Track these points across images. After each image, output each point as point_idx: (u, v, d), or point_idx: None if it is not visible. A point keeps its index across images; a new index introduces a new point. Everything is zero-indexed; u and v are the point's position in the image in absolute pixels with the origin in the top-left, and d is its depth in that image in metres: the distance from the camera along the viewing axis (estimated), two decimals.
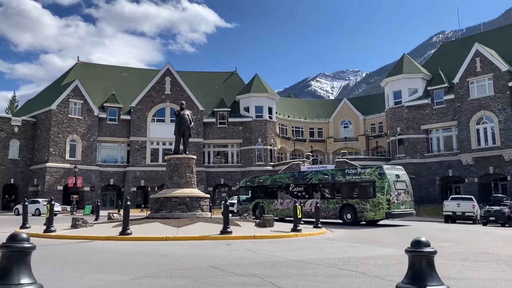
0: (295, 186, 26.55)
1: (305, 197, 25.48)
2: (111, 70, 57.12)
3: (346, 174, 24.36)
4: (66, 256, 9.57)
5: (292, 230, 15.49)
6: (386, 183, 22.40)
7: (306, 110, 62.76)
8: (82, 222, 16.20)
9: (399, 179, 23.52)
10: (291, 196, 26.10)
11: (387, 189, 22.26)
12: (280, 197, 27.06)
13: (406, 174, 25.06)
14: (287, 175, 28.29)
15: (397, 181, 23.18)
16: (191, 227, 15.44)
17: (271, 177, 29.14)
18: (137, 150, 49.35)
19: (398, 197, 22.61)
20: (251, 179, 30.68)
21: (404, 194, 23.30)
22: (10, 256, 2.10)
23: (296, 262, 8.57)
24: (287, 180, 27.25)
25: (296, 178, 26.91)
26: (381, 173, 22.82)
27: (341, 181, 24.37)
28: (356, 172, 24.04)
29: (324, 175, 25.44)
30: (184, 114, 20.23)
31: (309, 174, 26.41)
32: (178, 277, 6.89)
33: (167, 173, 19.85)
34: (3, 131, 44.94)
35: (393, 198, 22.05)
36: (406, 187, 23.84)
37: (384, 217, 22.34)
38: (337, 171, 25.63)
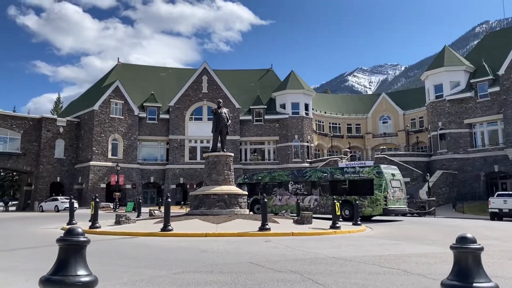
0: (294, 183, 27.85)
1: (304, 194, 26.99)
2: (150, 71, 58.49)
3: (345, 172, 25.93)
4: (111, 251, 9.93)
5: (331, 227, 15.36)
6: (384, 181, 23.94)
7: (343, 106, 61.94)
8: (125, 219, 16.71)
9: (395, 178, 25.05)
10: (290, 193, 27.52)
11: (385, 186, 23.77)
12: (279, 193, 28.29)
13: (400, 174, 26.63)
14: (286, 173, 29.61)
15: (393, 180, 24.70)
16: (229, 223, 15.61)
17: (269, 175, 30.37)
18: (176, 148, 50.34)
19: (394, 194, 24.02)
20: (249, 177, 31.97)
21: (399, 191, 24.71)
22: (67, 249, 2.25)
23: (335, 259, 8.51)
24: (286, 178, 28.59)
25: (295, 176, 28.26)
26: (379, 172, 24.38)
27: (340, 179, 25.94)
28: (355, 171, 25.53)
29: (323, 173, 27.01)
30: (221, 112, 20.43)
31: (308, 172, 27.89)
32: (219, 272, 7.00)
33: (206, 170, 20.13)
34: (49, 132, 46.98)
35: (390, 195, 23.45)
36: (400, 185, 25.28)
37: (381, 213, 23.37)
38: (336, 170, 27.25)
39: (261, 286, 5.93)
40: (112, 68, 57.58)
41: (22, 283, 6.15)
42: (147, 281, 6.26)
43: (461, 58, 48.37)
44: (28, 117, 48.80)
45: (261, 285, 5.99)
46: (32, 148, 46.54)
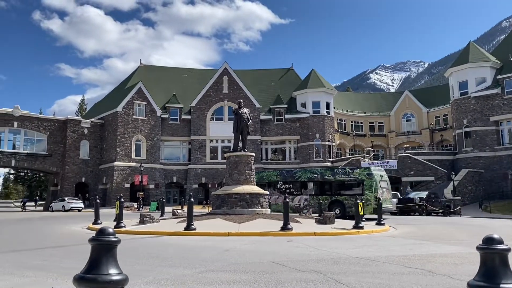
0: (283, 183, 28.56)
1: (294, 194, 27.74)
2: (172, 72, 59.13)
3: (335, 173, 27.13)
4: (136, 250, 10.11)
5: (354, 227, 15.26)
6: (374, 183, 25.45)
7: (366, 104, 61.28)
8: (149, 218, 16.98)
9: (382, 179, 26.42)
10: (279, 192, 28.02)
11: (375, 187, 25.29)
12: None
13: (386, 175, 28.00)
14: (275, 173, 30.23)
15: (381, 181, 26.10)
16: (251, 223, 15.68)
17: (257, 175, 30.45)
18: (197, 148, 50.76)
19: (383, 194, 25.29)
20: None
21: (386, 192, 26.25)
22: (99, 249, 2.34)
23: (359, 259, 8.47)
24: (275, 178, 29.32)
25: (284, 176, 29.00)
26: (369, 173, 25.91)
27: (330, 179, 27.03)
28: (345, 172, 26.86)
29: (313, 174, 27.90)
30: (242, 112, 20.51)
31: (298, 173, 28.68)
32: (242, 271, 7.06)
33: (227, 170, 20.25)
34: (74, 133, 48.02)
35: (379, 195, 24.50)
36: (387, 186, 26.82)
37: (372, 212, 24.12)
38: (326, 171, 28.26)
39: (284, 286, 5.95)
40: (135, 70, 58.44)
41: (52, 281, 6.33)
42: (172, 280, 6.36)
43: (487, 54, 47.22)
44: (53, 119, 50.01)
45: (284, 285, 6.01)
46: (58, 149, 47.67)
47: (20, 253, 9.75)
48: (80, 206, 39.42)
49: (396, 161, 44.16)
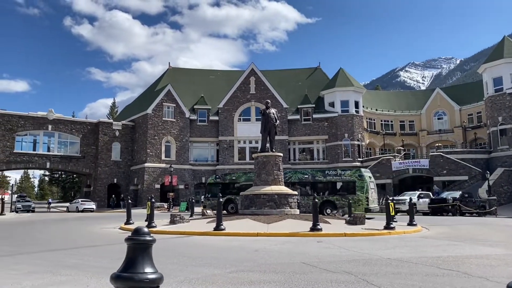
0: None
1: None
2: (199, 74, 59.78)
3: (327, 174, 28.35)
4: (167, 250, 10.26)
5: (385, 227, 14.99)
6: (365, 184, 26.92)
7: (396, 103, 60.16)
8: (180, 218, 17.21)
9: (371, 180, 27.82)
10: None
11: (366, 188, 26.74)
12: None
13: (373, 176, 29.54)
14: None
15: (370, 182, 27.51)
16: (280, 223, 15.65)
17: (245, 175, 31.25)
18: (225, 149, 51.10)
19: (372, 195, 27.05)
20: (221, 176, 32.91)
21: (374, 193, 27.74)
22: (135, 248, 2.40)
23: (390, 260, 8.32)
24: None
25: None
26: (360, 175, 27.44)
27: (322, 180, 28.10)
28: (337, 173, 28.17)
29: (304, 175, 28.82)
30: (269, 113, 20.51)
31: (288, 174, 28.99)
32: (272, 272, 7.06)
33: (255, 170, 20.29)
34: (106, 135, 49.21)
35: (370, 195, 26.41)
36: (374, 187, 28.35)
37: (363, 211, 25.15)
38: (317, 172, 29.26)
39: (315, 287, 5.92)
40: (164, 73, 59.46)
41: (87, 280, 6.51)
42: (203, 280, 6.42)
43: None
44: (86, 122, 51.40)
45: (315, 286, 5.98)
46: (91, 151, 48.95)
47: (57, 253, 10.06)
48: (92, 207, 41.76)
49: (428, 160, 43.18)
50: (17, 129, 45.09)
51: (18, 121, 45.21)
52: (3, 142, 43.86)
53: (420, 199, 32.65)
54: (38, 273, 7.11)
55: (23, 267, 7.78)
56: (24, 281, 6.39)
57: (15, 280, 6.46)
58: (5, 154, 44.04)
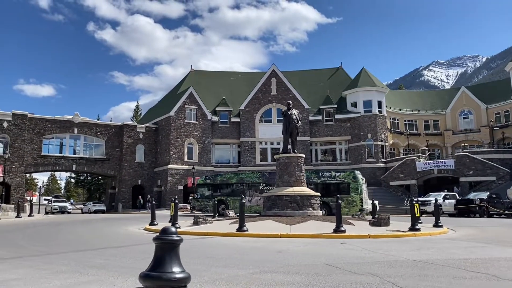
0: (266, 185, 29.36)
1: None
2: (221, 76, 60.15)
3: (321, 176, 29.19)
4: (191, 251, 10.34)
5: (410, 229, 14.75)
6: (360, 185, 28.05)
7: (419, 102, 59.17)
8: (203, 219, 17.35)
9: (363, 182, 28.83)
10: (261, 194, 28.38)
11: (360, 190, 27.87)
12: (248, 194, 29.65)
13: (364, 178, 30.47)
14: (256, 174, 31.25)
15: (363, 183, 28.64)
16: (303, 225, 15.59)
17: (237, 176, 31.60)
18: (247, 150, 51.22)
19: (364, 196, 28.11)
20: (211, 177, 32.96)
21: (365, 194, 28.83)
22: (163, 247, 2.45)
23: (416, 262, 8.18)
24: (256, 179, 30.36)
25: (267, 178, 29.86)
26: (355, 177, 28.51)
27: (316, 182, 28.71)
28: (331, 175, 29.16)
29: None
30: (291, 114, 20.47)
31: None
32: (296, 273, 7.04)
33: (277, 172, 20.27)
34: (130, 138, 49.99)
35: (363, 197, 27.52)
36: (366, 189, 29.79)
37: (357, 212, 26.43)
38: (312, 173, 29.60)
39: None
40: (186, 76, 60.08)
41: (113, 279, 6.63)
42: (226, 280, 6.45)
43: None
44: (110, 125, 52.32)
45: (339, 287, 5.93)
46: (115, 153, 49.81)
47: (84, 253, 10.28)
48: (102, 209, 46.20)
49: (454, 161, 42.30)
50: (45, 132, 46.26)
51: (45, 124, 46.38)
52: (31, 145, 45.07)
53: (446, 200, 32.02)
54: (66, 272, 7.28)
55: (52, 266, 7.97)
56: (53, 280, 6.55)
57: (45, 279, 6.64)
58: (33, 157, 45.24)
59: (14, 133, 43.52)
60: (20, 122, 44.07)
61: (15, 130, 43.64)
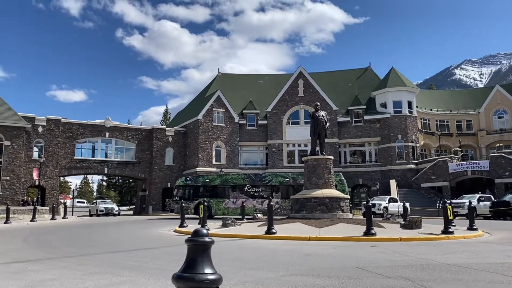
0: (251, 186, 29.23)
1: (263, 197, 28.70)
2: (248, 79, 60.39)
3: None
4: (220, 253, 10.41)
5: (443, 232, 14.38)
6: (346, 187, 28.67)
7: (451, 102, 57.68)
8: (231, 222, 17.44)
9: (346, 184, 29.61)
10: (247, 196, 28.76)
11: (346, 191, 28.05)
12: (232, 196, 29.33)
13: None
14: (241, 176, 30.99)
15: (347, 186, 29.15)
16: (332, 227, 15.44)
17: (220, 177, 31.18)
18: (274, 152, 51.18)
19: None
20: (192, 179, 32.24)
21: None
22: (195, 249, 2.49)
23: (450, 266, 7.97)
24: (242, 181, 29.93)
25: (252, 180, 29.76)
26: (341, 179, 28.98)
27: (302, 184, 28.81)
28: None
29: (285, 178, 29.48)
30: (319, 115, 20.35)
31: (268, 177, 29.77)
32: (326, 276, 6.97)
33: (305, 174, 20.16)
34: (160, 141, 50.83)
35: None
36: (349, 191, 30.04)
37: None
38: (298, 175, 29.25)
39: None
40: (213, 79, 60.63)
41: (145, 281, 6.74)
42: (256, 283, 6.46)
43: None
44: (141, 129, 53.32)
45: None
46: (145, 156, 50.72)
47: (116, 254, 10.51)
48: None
49: (488, 162, 41.00)
50: (77, 136, 47.57)
51: (78, 129, 47.70)
52: (65, 149, 46.43)
53: (481, 202, 31.06)
54: (100, 273, 7.45)
55: (86, 267, 8.19)
56: (87, 281, 6.72)
57: (79, 280, 6.82)
58: (67, 161, 46.58)
59: (49, 138, 44.95)
60: (54, 127, 45.49)
61: (50, 134, 45.07)
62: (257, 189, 29.62)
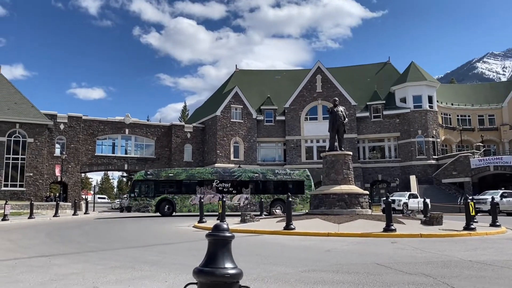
0: (220, 182, 28.43)
1: (232, 193, 28.36)
2: (265, 75, 60.30)
3: (277, 174, 29.52)
4: (239, 248, 10.45)
5: (465, 228, 14.14)
6: (312, 183, 29.54)
7: (473, 96, 56.51)
8: (250, 217, 17.48)
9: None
10: (215, 191, 27.95)
11: (313, 187, 29.01)
12: (200, 192, 27.99)
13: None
14: (209, 170, 30.08)
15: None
16: (351, 223, 15.33)
17: (186, 171, 29.43)
18: (292, 148, 51.06)
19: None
20: (153, 173, 29.45)
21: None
22: (216, 244, 2.51)
23: (472, 263, 7.83)
24: (210, 176, 28.86)
25: (221, 175, 29.05)
26: (308, 175, 29.58)
27: (272, 179, 29.14)
28: (286, 173, 29.77)
29: (254, 174, 29.44)
30: (337, 111, 20.19)
31: (237, 172, 29.48)
32: (345, 272, 6.93)
33: (324, 170, 20.05)
34: (179, 137, 51.24)
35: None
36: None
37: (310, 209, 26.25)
38: (268, 171, 30.08)
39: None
40: (231, 75, 60.76)
41: (165, 275, 6.82)
42: (275, 278, 6.47)
43: None
44: (160, 125, 53.83)
45: (391, 287, 5.79)
46: (164, 153, 51.21)
47: (136, 249, 10.65)
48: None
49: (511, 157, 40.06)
50: (98, 133, 48.32)
51: (98, 126, 48.43)
52: (86, 146, 47.22)
53: (504, 199, 30.44)
54: (121, 268, 7.57)
55: (107, 262, 8.33)
56: (109, 275, 6.84)
57: (101, 274, 6.94)
58: (88, 157, 47.38)
59: (70, 135, 45.78)
60: (75, 124, 46.30)
61: (71, 131, 45.89)
62: (226, 184, 28.53)
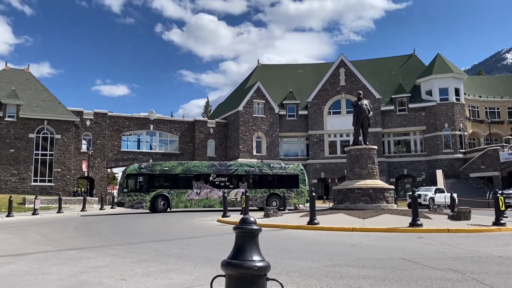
0: (217, 176, 27.96)
1: (229, 187, 27.92)
2: (287, 69, 60.03)
3: (273, 168, 29.59)
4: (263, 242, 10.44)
5: (494, 223, 13.79)
6: (306, 177, 30.33)
7: (502, 88, 54.93)
8: (273, 212, 17.50)
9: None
10: (212, 186, 27.56)
11: (307, 181, 30.36)
12: (196, 187, 27.46)
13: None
14: (205, 164, 29.28)
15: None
16: (376, 218, 15.16)
17: (181, 165, 28.38)
18: (315, 143, 50.77)
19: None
20: (146, 167, 27.84)
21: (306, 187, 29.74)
22: (243, 236, 2.54)
23: (502, 259, 7.64)
24: (206, 170, 28.18)
25: (218, 169, 28.56)
26: (301, 169, 30.08)
27: (268, 173, 29.16)
28: (281, 167, 29.86)
29: (251, 168, 29.33)
30: (361, 104, 19.94)
31: (234, 166, 29.32)
32: (371, 267, 6.86)
33: (348, 164, 19.87)
34: (202, 133, 51.65)
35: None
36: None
37: (305, 202, 27.17)
38: (263, 165, 30.09)
39: (417, 284, 5.64)
40: (253, 70, 60.75)
41: (191, 268, 6.90)
42: (300, 272, 6.46)
43: None
44: (183, 121, 54.38)
45: (417, 283, 5.70)
46: (188, 148, 51.73)
47: (162, 243, 10.81)
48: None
49: None
50: (123, 129, 49.16)
51: (124, 122, 49.27)
52: (112, 142, 48.13)
53: None
54: (148, 261, 7.70)
55: (134, 255, 8.48)
56: (136, 268, 6.97)
57: (129, 267, 7.08)
58: (113, 153, 48.30)
59: (96, 131, 46.73)
60: (101, 120, 47.22)
61: (97, 128, 46.83)
62: (223, 178, 28.06)
